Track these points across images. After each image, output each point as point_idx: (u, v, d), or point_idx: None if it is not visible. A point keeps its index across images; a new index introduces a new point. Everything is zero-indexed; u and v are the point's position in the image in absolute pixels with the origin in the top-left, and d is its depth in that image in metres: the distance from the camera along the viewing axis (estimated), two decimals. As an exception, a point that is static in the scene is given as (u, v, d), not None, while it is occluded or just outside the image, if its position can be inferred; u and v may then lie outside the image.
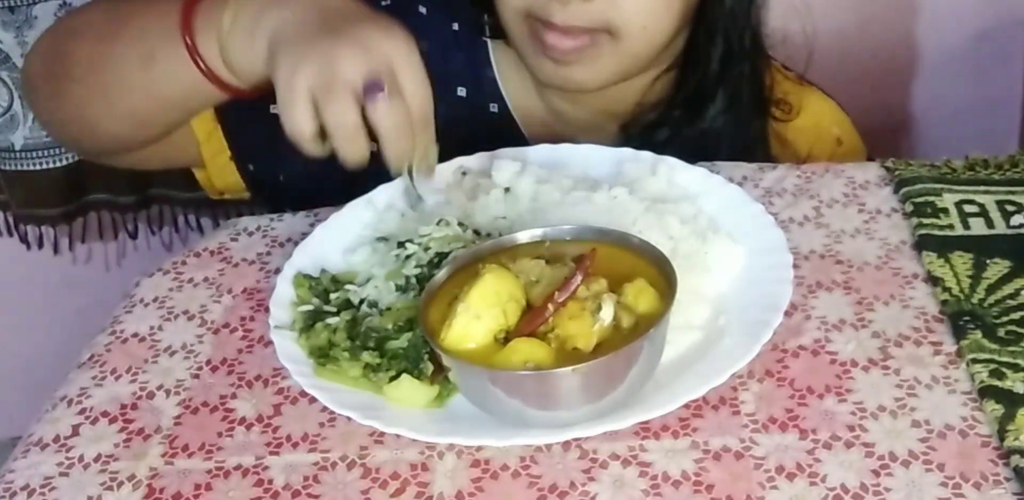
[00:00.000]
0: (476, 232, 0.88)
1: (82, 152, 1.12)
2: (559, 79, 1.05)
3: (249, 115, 1.02)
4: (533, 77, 1.09)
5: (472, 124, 1.05)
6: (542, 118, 1.15)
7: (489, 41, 1.13)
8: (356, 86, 0.81)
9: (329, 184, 1.00)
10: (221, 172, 1.13)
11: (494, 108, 1.14)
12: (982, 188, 0.95)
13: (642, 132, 1.09)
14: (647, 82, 1.11)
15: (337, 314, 0.84)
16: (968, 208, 0.93)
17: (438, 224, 0.87)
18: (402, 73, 0.83)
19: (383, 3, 1.11)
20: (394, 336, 0.80)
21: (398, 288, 0.84)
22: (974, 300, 0.83)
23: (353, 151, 0.83)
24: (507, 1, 1.03)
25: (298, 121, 0.83)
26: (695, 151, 0.98)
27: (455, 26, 1.13)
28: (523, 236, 0.82)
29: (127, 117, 1.00)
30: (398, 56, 0.83)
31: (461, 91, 1.13)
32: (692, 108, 1.10)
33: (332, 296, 0.86)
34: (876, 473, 0.72)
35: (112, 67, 0.97)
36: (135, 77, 0.96)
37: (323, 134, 0.83)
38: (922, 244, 0.89)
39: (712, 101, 1.09)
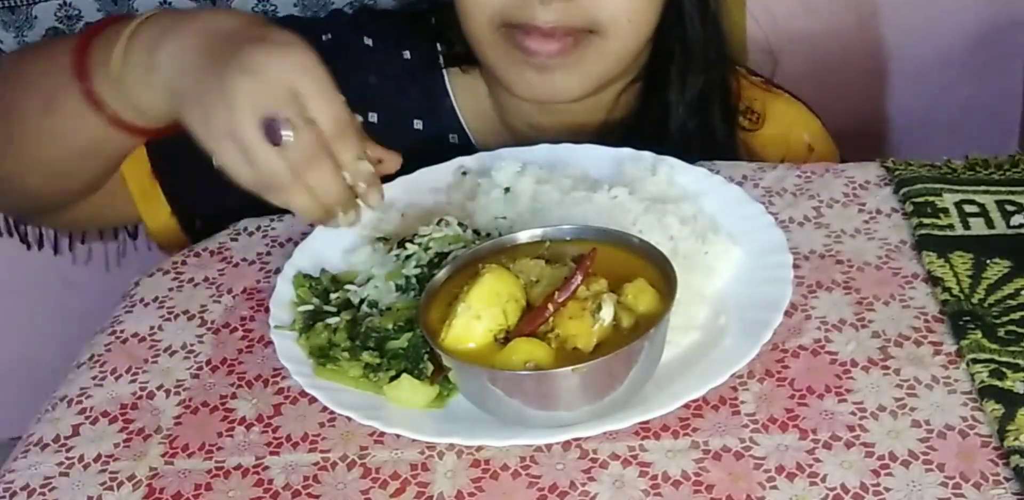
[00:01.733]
0: (476, 232, 0.88)
1: (12, 211, 1.04)
2: (541, 89, 1.01)
3: (184, 166, 0.91)
4: (496, 101, 1.06)
5: (431, 156, 0.99)
6: (503, 144, 1.10)
7: (444, 70, 1.10)
8: (256, 125, 0.75)
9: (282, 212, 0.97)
10: (163, 229, 1.07)
11: (453, 139, 1.12)
12: (982, 188, 0.95)
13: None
14: (613, 97, 1.09)
15: (337, 314, 0.84)
16: (968, 208, 0.93)
17: (438, 224, 0.87)
18: (304, 94, 0.77)
19: (324, 38, 1.07)
20: (394, 336, 0.80)
21: (398, 288, 0.84)
22: (974, 300, 0.83)
23: (295, 197, 0.78)
24: (477, 11, 0.99)
25: (247, 174, 0.77)
26: None
27: (406, 54, 1.10)
28: (523, 236, 0.82)
29: (40, 168, 0.94)
30: (295, 75, 0.76)
31: (417, 124, 1.10)
32: (659, 121, 1.08)
33: (332, 296, 0.86)
34: (876, 473, 0.72)
35: (14, 117, 0.91)
36: (37, 126, 0.90)
37: None
38: (922, 244, 0.89)
39: (678, 114, 1.07)
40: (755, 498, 0.71)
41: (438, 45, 1.09)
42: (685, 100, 1.07)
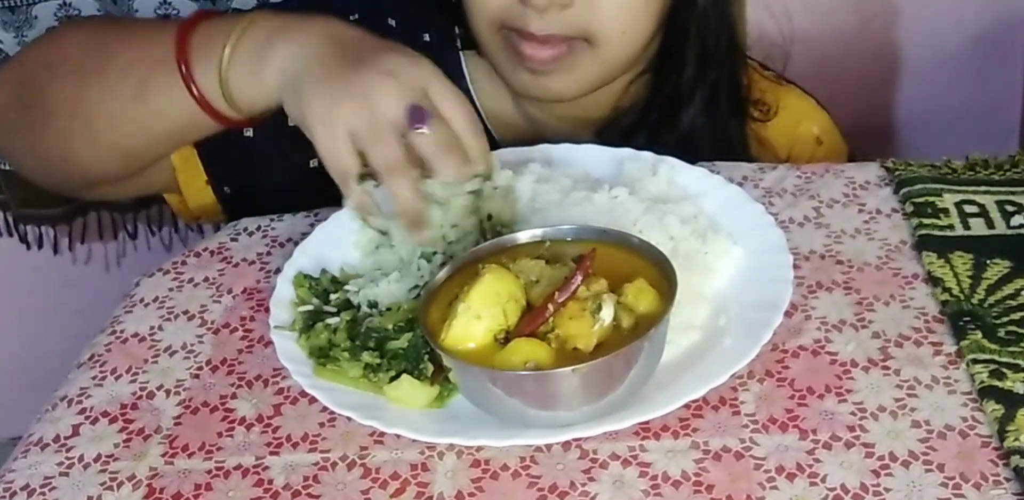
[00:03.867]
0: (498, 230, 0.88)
1: (53, 186, 1.07)
2: (536, 90, 1.03)
3: (224, 139, 0.99)
4: (508, 87, 1.08)
5: None
6: (517, 127, 1.14)
7: (461, 52, 1.11)
8: (397, 121, 0.80)
9: (306, 199, 1.00)
10: (197, 196, 1.09)
11: None
12: (982, 188, 0.95)
13: (619, 138, 1.07)
14: (622, 86, 1.09)
15: (337, 314, 0.84)
16: (968, 208, 0.93)
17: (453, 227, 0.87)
18: (437, 96, 0.82)
19: (352, 17, 1.08)
20: (394, 336, 0.80)
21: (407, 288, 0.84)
22: (974, 300, 0.83)
23: (403, 186, 0.81)
24: (480, 12, 1.01)
25: (345, 164, 0.81)
26: (673, 155, 0.97)
27: (426, 37, 1.11)
28: (523, 236, 0.82)
29: (111, 150, 0.96)
30: (430, 79, 0.82)
31: None
32: (668, 112, 1.09)
33: (332, 296, 0.86)
34: (876, 473, 0.72)
35: (99, 100, 0.93)
36: (125, 111, 0.93)
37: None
38: (922, 244, 0.89)
39: (689, 104, 1.08)
40: (755, 498, 0.71)
41: (455, 28, 1.09)
42: (696, 90, 1.07)
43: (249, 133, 1.03)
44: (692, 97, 1.08)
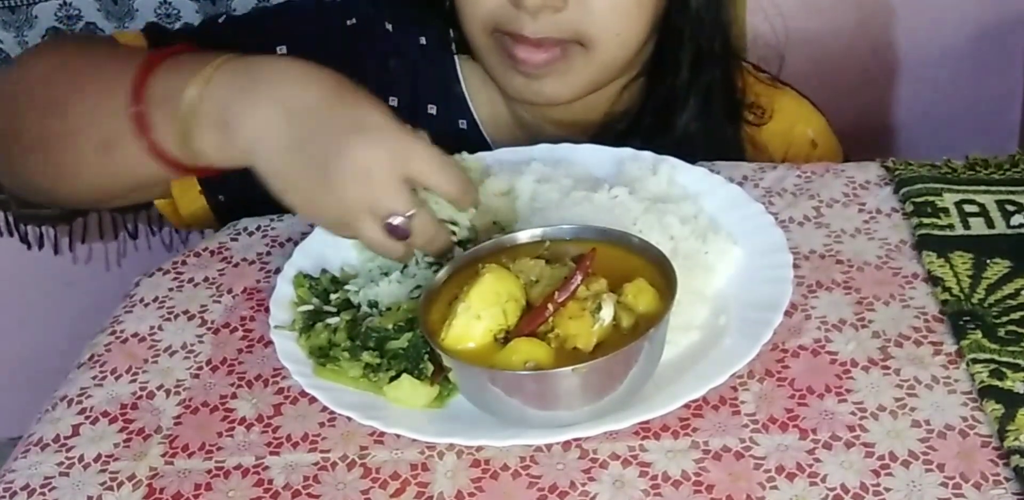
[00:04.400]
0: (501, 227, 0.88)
1: (44, 203, 1.05)
2: (530, 93, 1.03)
3: None
4: (501, 91, 1.07)
5: (442, 141, 0.97)
6: (511, 131, 1.13)
7: (456, 56, 1.11)
8: (380, 232, 0.80)
9: None
10: (190, 204, 1.07)
11: (463, 124, 1.12)
12: (982, 188, 0.95)
13: (613, 142, 1.05)
14: (616, 91, 1.09)
15: (337, 314, 0.84)
16: (968, 208, 0.93)
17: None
18: (419, 179, 0.79)
19: (348, 22, 1.08)
20: (394, 336, 0.80)
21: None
22: (974, 300, 0.83)
23: (427, 243, 0.83)
24: (472, 16, 1.00)
25: (350, 237, 0.83)
26: None
27: (422, 41, 1.10)
28: (523, 236, 0.82)
29: (86, 190, 0.94)
30: (402, 164, 0.78)
31: (431, 109, 1.11)
32: (663, 116, 1.08)
33: (332, 296, 0.86)
34: (876, 473, 0.72)
35: (63, 149, 0.90)
36: (91, 164, 0.90)
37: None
38: (922, 244, 0.89)
39: (683, 108, 1.07)
40: (755, 498, 0.71)
41: (451, 31, 1.09)
42: (690, 94, 1.07)
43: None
44: (686, 101, 1.07)
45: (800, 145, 1.17)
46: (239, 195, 1.05)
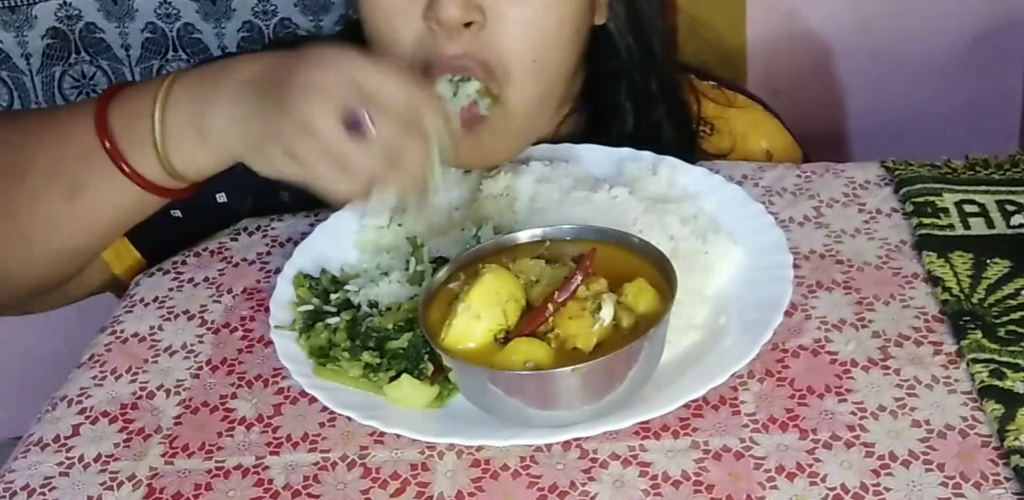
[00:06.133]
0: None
1: None
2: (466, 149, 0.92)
3: (152, 223, 0.95)
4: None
5: None
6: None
7: None
8: (339, 128, 0.76)
9: None
10: (135, 274, 1.02)
11: None
12: (982, 188, 0.95)
13: None
14: (552, 129, 1.03)
15: (337, 314, 0.84)
16: (968, 208, 0.93)
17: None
18: (369, 88, 0.77)
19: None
20: (394, 336, 0.80)
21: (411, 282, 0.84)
22: (974, 300, 0.83)
23: (408, 174, 0.78)
24: (398, 55, 0.92)
25: (337, 195, 0.78)
26: None
27: None
28: (523, 236, 0.82)
29: (52, 255, 0.92)
30: (351, 76, 0.77)
31: None
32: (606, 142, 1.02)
33: (332, 296, 0.86)
34: (876, 473, 0.72)
35: (28, 210, 0.89)
36: (62, 213, 0.89)
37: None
38: (922, 244, 0.89)
39: (626, 137, 1.02)
40: (755, 498, 0.71)
41: None
42: (641, 132, 1.03)
43: (177, 213, 1.01)
44: (638, 140, 1.02)
45: (756, 159, 1.10)
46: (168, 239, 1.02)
